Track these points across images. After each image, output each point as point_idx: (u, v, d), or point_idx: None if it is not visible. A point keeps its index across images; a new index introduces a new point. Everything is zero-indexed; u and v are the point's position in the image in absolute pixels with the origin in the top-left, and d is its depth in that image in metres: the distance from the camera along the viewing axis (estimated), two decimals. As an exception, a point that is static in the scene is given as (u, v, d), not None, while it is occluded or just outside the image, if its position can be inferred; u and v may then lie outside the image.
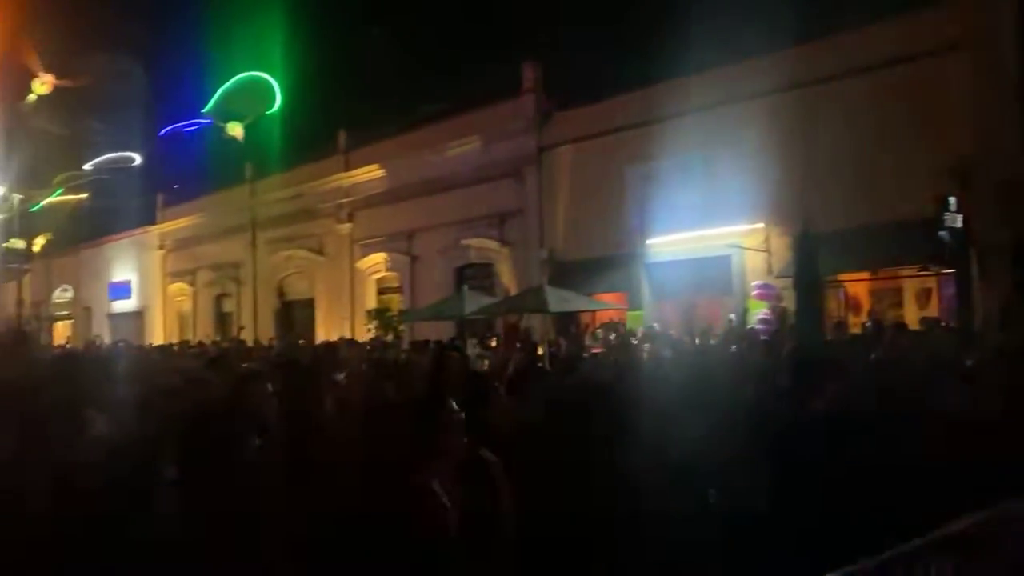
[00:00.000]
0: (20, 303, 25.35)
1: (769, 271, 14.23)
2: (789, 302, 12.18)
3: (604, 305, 15.22)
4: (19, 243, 24.52)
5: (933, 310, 12.73)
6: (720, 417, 3.90)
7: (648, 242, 15.76)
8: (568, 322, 15.33)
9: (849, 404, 3.82)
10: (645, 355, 10.23)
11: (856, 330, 11.73)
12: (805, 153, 13.15)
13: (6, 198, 23.99)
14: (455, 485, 2.85)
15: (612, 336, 13.60)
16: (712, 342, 11.12)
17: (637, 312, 15.76)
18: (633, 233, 15.95)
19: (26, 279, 26.45)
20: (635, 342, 12.12)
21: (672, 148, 14.61)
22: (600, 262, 16.34)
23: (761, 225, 14.33)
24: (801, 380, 4.07)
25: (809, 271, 10.03)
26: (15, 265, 24.24)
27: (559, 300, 12.33)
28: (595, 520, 3.20)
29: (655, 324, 14.21)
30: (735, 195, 13.67)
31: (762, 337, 10.26)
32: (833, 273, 12.47)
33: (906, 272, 13.30)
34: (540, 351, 11.14)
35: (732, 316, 13.37)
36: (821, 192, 12.70)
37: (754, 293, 14.44)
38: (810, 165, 13.12)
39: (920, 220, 11.55)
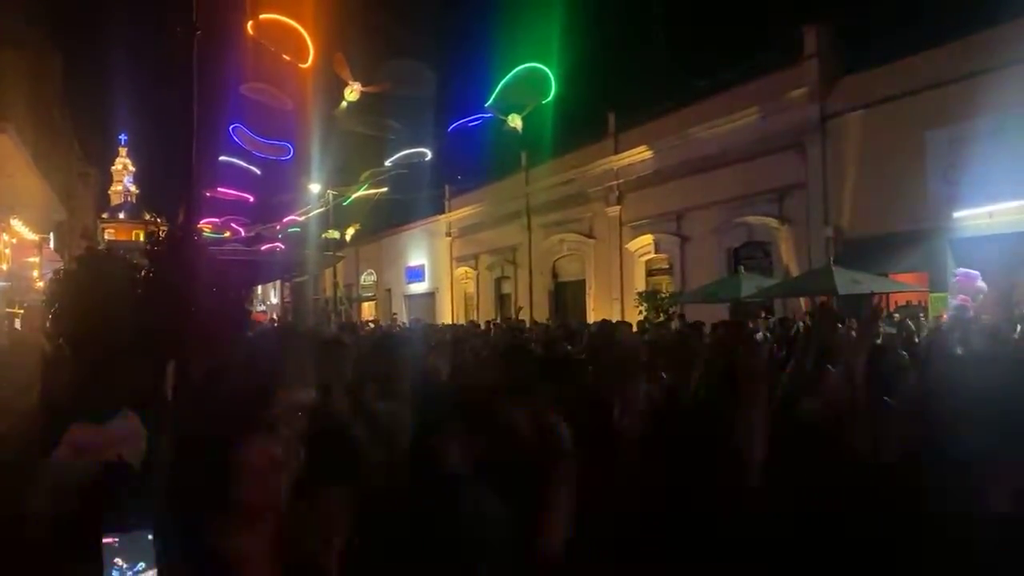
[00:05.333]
0: (336, 286, 29.14)
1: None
2: None
3: (903, 286, 13.81)
4: (334, 233, 28.18)
5: None
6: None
7: (955, 215, 14.01)
8: (859, 305, 14.17)
9: None
10: (957, 346, 9.11)
11: None
12: None
13: (322, 194, 27.65)
14: None
15: (910, 321, 12.31)
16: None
17: (941, 294, 14.11)
18: (936, 206, 14.28)
19: (339, 264, 30.22)
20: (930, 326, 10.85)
21: (984, 107, 12.90)
22: (895, 238, 14.82)
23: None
24: None
25: None
26: (331, 252, 27.81)
27: (849, 281, 11.45)
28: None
29: (961, 305, 12.60)
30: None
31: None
32: None
33: None
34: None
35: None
36: None
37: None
38: None
39: None
